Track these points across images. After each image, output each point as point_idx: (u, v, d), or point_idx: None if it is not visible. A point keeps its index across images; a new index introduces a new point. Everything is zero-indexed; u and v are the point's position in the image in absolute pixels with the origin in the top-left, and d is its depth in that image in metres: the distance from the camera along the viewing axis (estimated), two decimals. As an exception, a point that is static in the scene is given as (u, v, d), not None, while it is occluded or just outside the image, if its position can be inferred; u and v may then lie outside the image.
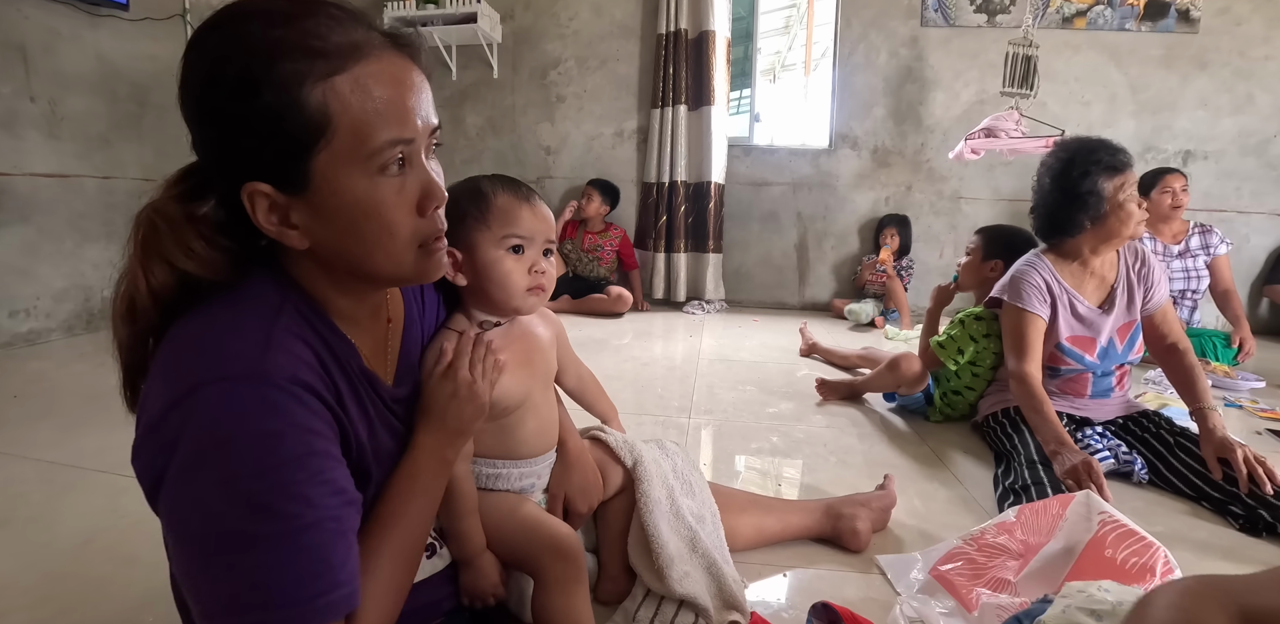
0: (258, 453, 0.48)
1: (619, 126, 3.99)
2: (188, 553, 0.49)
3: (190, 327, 0.54)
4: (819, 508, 1.19)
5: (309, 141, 0.51)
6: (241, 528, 0.48)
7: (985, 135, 2.97)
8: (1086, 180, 1.55)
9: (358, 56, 0.51)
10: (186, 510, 0.49)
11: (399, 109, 0.53)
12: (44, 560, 1.09)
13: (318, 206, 0.54)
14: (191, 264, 0.55)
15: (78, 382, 2.16)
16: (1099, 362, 1.65)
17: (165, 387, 0.50)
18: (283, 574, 0.48)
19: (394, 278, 0.60)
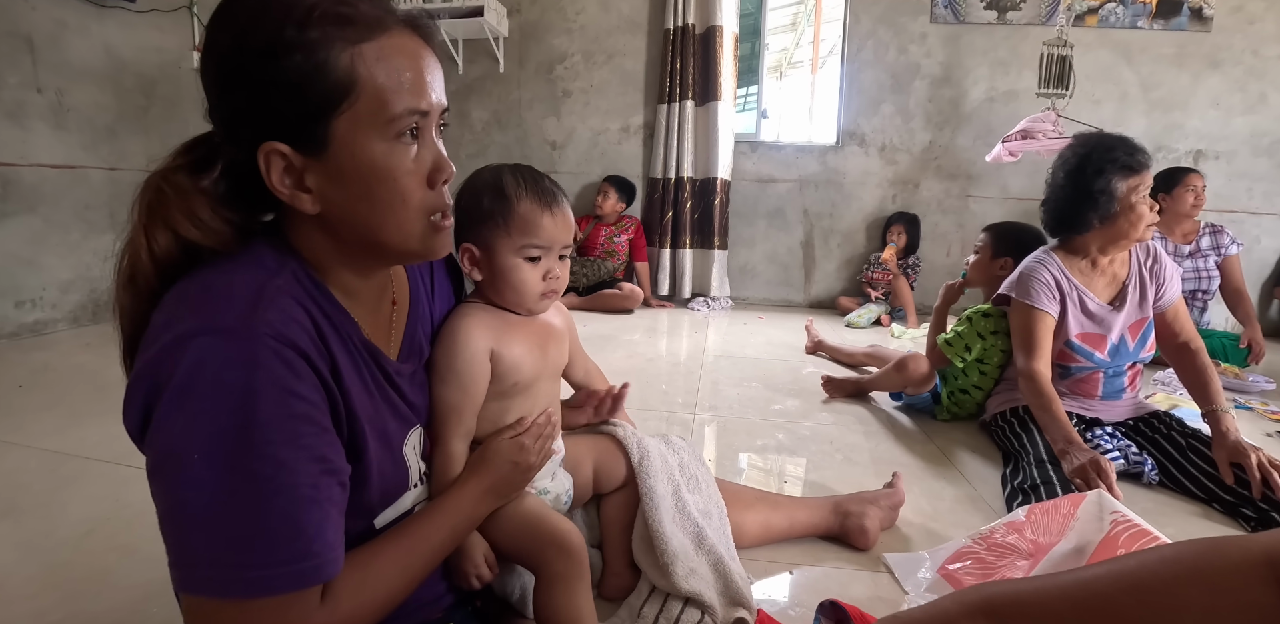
0: (234, 409, 0.48)
1: (625, 122, 3.97)
2: (163, 501, 0.50)
3: (185, 285, 0.54)
4: (826, 505, 1.18)
5: (333, 103, 0.53)
6: (213, 483, 0.48)
7: (1022, 137, 2.94)
8: (1100, 178, 1.53)
9: (383, 28, 0.54)
10: (162, 461, 0.49)
11: (418, 81, 0.56)
12: (46, 550, 1.08)
13: (334, 169, 0.55)
14: (196, 232, 0.55)
15: (83, 372, 2.16)
16: (1110, 359, 1.64)
17: (154, 339, 0.51)
18: (252, 535, 0.48)
19: (401, 250, 0.61)
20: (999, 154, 3.06)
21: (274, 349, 0.51)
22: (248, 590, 0.48)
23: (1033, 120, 3.03)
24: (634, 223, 3.81)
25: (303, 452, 0.51)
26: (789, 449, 1.67)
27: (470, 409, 0.78)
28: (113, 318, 0.58)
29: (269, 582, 0.48)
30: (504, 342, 0.81)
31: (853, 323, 3.45)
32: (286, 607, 0.50)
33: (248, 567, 0.48)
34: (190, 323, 0.50)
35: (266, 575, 0.48)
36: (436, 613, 0.70)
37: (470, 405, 0.78)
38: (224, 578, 0.48)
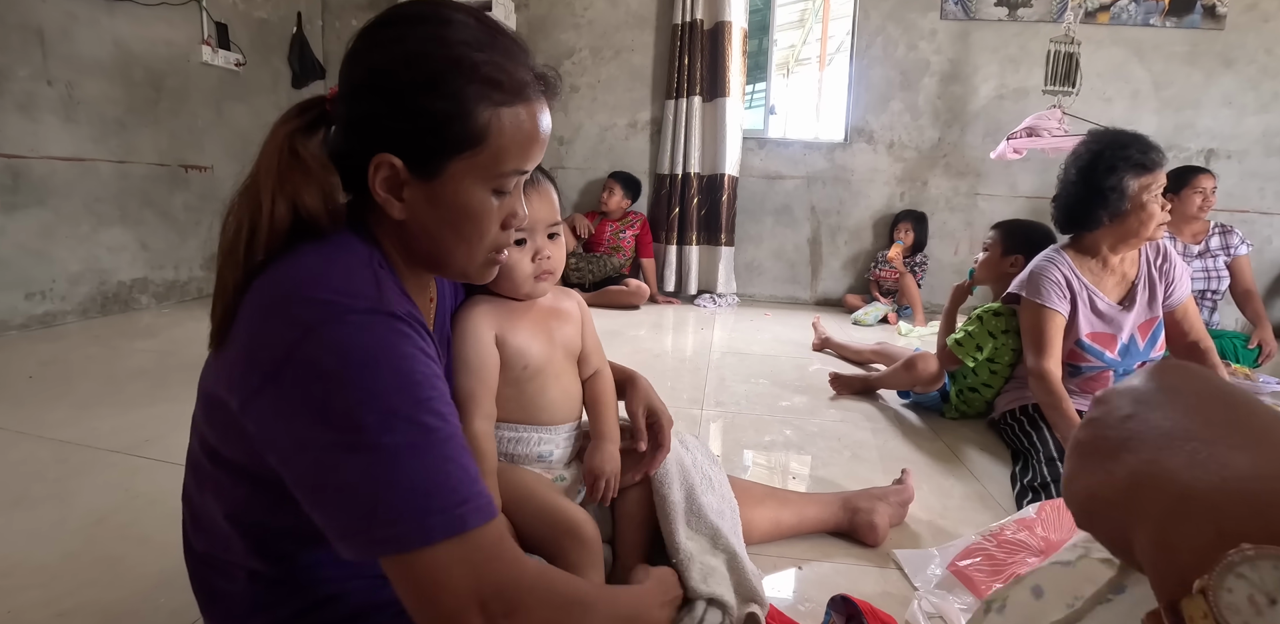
0: (398, 373, 0.52)
1: (633, 117, 3.96)
2: (343, 472, 0.50)
3: (300, 267, 0.55)
4: (835, 501, 1.18)
5: (461, 147, 0.58)
6: (400, 443, 0.50)
7: (1027, 134, 2.92)
8: (1112, 176, 1.52)
9: (524, 97, 0.60)
10: (326, 431, 0.50)
11: (532, 147, 0.62)
12: (57, 539, 1.09)
13: (434, 195, 0.60)
14: (321, 206, 0.58)
15: (92, 364, 2.17)
16: (1120, 359, 1.63)
17: (290, 322, 0.52)
18: (441, 480, 0.51)
19: (457, 272, 0.67)
20: (1003, 151, 3.04)
21: (408, 323, 0.55)
22: (448, 529, 0.50)
23: (1038, 117, 3.01)
24: (640, 219, 3.80)
25: (448, 406, 0.55)
26: (796, 445, 1.66)
27: (485, 394, 0.81)
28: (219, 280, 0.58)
29: (462, 518, 0.50)
30: (508, 328, 0.84)
31: (860, 320, 3.44)
32: (494, 539, 0.52)
33: (441, 509, 0.50)
34: (332, 304, 0.52)
35: (457, 513, 0.50)
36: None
37: (485, 390, 0.81)
38: (421, 525, 0.49)
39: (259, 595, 0.61)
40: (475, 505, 0.52)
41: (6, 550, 1.05)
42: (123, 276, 3.01)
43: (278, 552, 0.60)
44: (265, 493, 0.57)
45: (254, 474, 0.57)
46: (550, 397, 0.89)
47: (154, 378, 2.02)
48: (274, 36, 3.78)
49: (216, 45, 3.34)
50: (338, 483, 0.50)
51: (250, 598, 0.61)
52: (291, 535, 0.59)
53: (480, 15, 0.60)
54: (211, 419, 0.59)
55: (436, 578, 0.50)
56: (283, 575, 0.61)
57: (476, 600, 0.50)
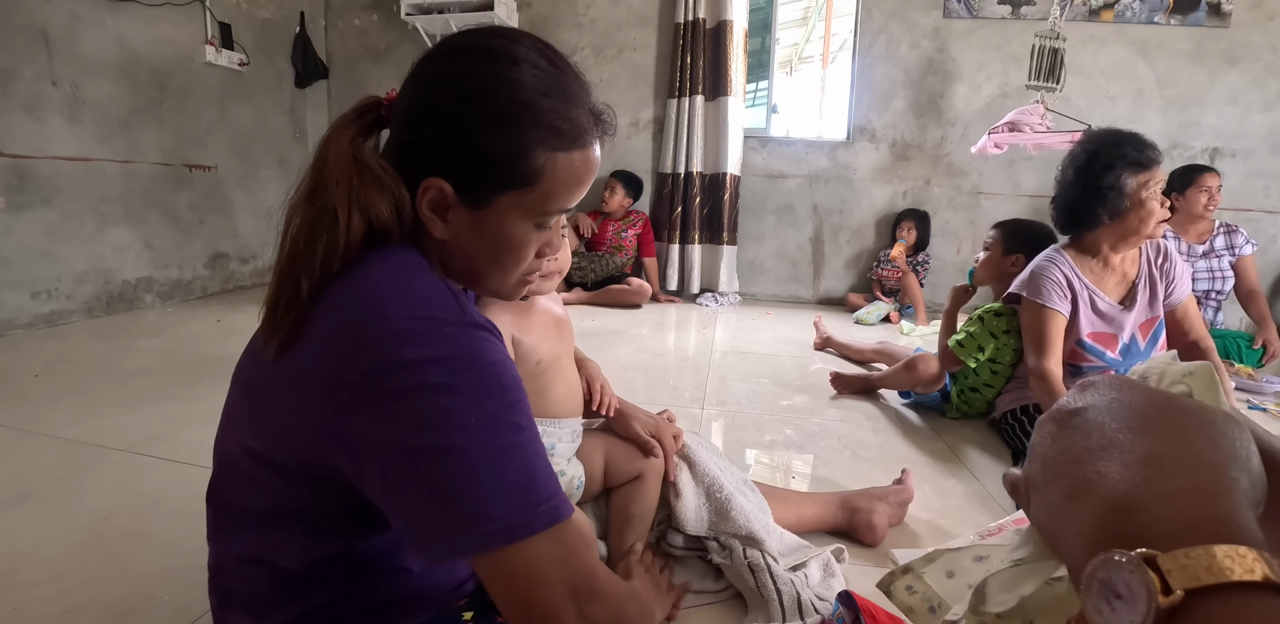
0: (491, 378, 0.54)
1: (635, 116, 3.96)
2: (441, 475, 0.51)
3: (379, 283, 0.56)
4: (834, 500, 1.19)
5: (513, 185, 0.60)
6: (493, 445, 0.52)
7: (1009, 129, 2.91)
8: (1109, 174, 1.52)
9: (580, 144, 0.61)
10: (428, 437, 0.51)
11: (579, 189, 0.64)
12: (63, 536, 1.10)
13: (479, 223, 0.61)
14: (393, 219, 0.58)
15: (98, 362, 2.18)
16: (1121, 359, 1.63)
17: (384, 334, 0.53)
18: (528, 479, 0.53)
19: (489, 291, 0.69)
20: (984, 146, 3.03)
21: (489, 331, 0.58)
22: (547, 521, 0.53)
23: (1021, 112, 3.00)
24: (642, 218, 3.81)
25: (528, 409, 0.58)
26: (797, 445, 1.67)
27: None
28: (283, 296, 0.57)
29: (556, 510, 0.54)
30: (521, 328, 0.89)
31: (862, 320, 3.44)
32: (577, 531, 0.55)
33: (538, 503, 0.53)
34: (422, 320, 0.54)
35: (552, 505, 0.53)
36: (458, 600, 0.70)
37: None
38: (525, 518, 0.52)
39: (280, 592, 0.62)
40: (562, 499, 0.55)
41: (12, 547, 1.06)
42: (127, 276, 3.02)
43: (323, 549, 0.61)
44: (317, 493, 0.58)
45: (307, 476, 0.57)
46: (558, 391, 0.93)
47: (159, 376, 2.03)
48: (277, 36, 3.79)
49: (220, 45, 3.36)
50: (436, 485, 0.51)
51: (270, 595, 0.62)
52: (343, 531, 0.61)
53: (549, 52, 0.61)
54: (263, 424, 0.59)
55: (535, 569, 0.53)
56: (310, 572, 0.62)
57: (569, 589, 0.54)
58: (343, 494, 0.56)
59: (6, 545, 1.07)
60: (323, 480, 0.56)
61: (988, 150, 3.04)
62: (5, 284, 2.54)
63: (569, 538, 0.54)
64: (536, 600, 0.53)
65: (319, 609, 0.62)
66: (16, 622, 0.89)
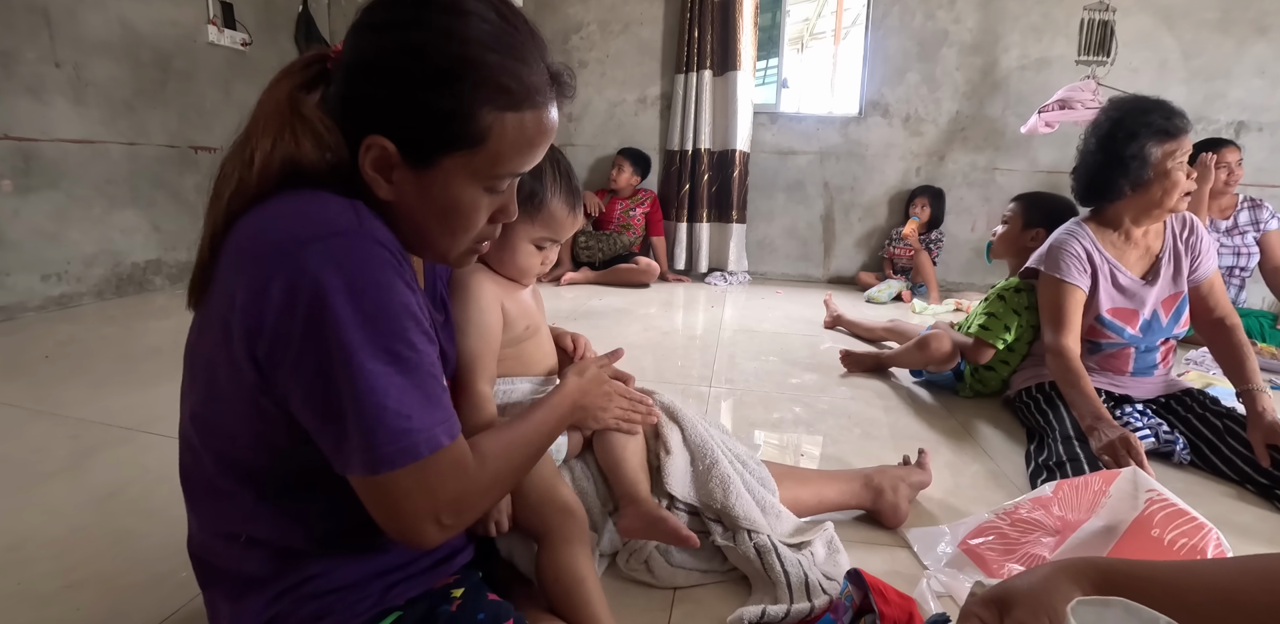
0: (378, 303, 0.53)
1: (642, 93, 3.89)
2: (324, 394, 0.52)
3: (278, 204, 0.55)
4: (856, 480, 1.15)
5: (458, 145, 0.57)
6: (375, 367, 0.52)
7: (1060, 107, 2.83)
8: (1133, 143, 1.46)
9: (531, 104, 0.58)
10: (323, 356, 0.51)
11: (533, 151, 0.61)
12: (68, 513, 1.11)
13: (425, 185, 0.59)
14: (315, 154, 0.56)
15: (108, 344, 2.19)
16: (1141, 335, 1.58)
17: (269, 251, 0.52)
18: (410, 406, 0.53)
19: (438, 257, 0.66)
20: (1035, 125, 2.95)
21: (391, 251, 0.55)
22: (425, 449, 0.54)
23: (1071, 89, 2.91)
24: (650, 196, 3.76)
25: (424, 336, 0.56)
26: (806, 423, 1.65)
27: (490, 355, 0.86)
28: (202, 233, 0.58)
29: (437, 438, 0.55)
30: (510, 295, 0.91)
31: (873, 298, 3.39)
32: (451, 459, 0.56)
33: (417, 430, 0.53)
34: (310, 230, 0.52)
35: (434, 433, 0.55)
36: (447, 576, 0.69)
37: (490, 352, 0.85)
38: (404, 445, 0.53)
39: (255, 569, 0.61)
40: (429, 435, 0.54)
41: (18, 524, 1.07)
42: (136, 258, 3.03)
43: (286, 519, 0.60)
44: (259, 448, 0.58)
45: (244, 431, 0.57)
46: (545, 350, 0.98)
47: (168, 357, 2.04)
48: (280, 16, 3.74)
49: (222, 25, 3.31)
50: (317, 407, 0.53)
51: (246, 573, 0.61)
52: (297, 497, 0.61)
53: (502, 6, 0.58)
54: (195, 382, 0.59)
55: (396, 500, 0.55)
56: (285, 545, 0.61)
57: (431, 516, 0.56)
58: (282, 450, 0.57)
59: (12, 522, 1.08)
60: (260, 434, 0.57)
61: (1039, 129, 2.95)
62: (15, 267, 2.55)
63: (438, 469, 0.55)
64: (398, 526, 0.56)
65: (298, 586, 0.61)
66: (20, 597, 0.89)
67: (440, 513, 0.56)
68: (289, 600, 0.61)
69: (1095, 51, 3.03)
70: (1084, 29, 2.96)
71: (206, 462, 0.60)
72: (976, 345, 1.77)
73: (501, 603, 0.68)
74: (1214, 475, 1.41)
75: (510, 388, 0.92)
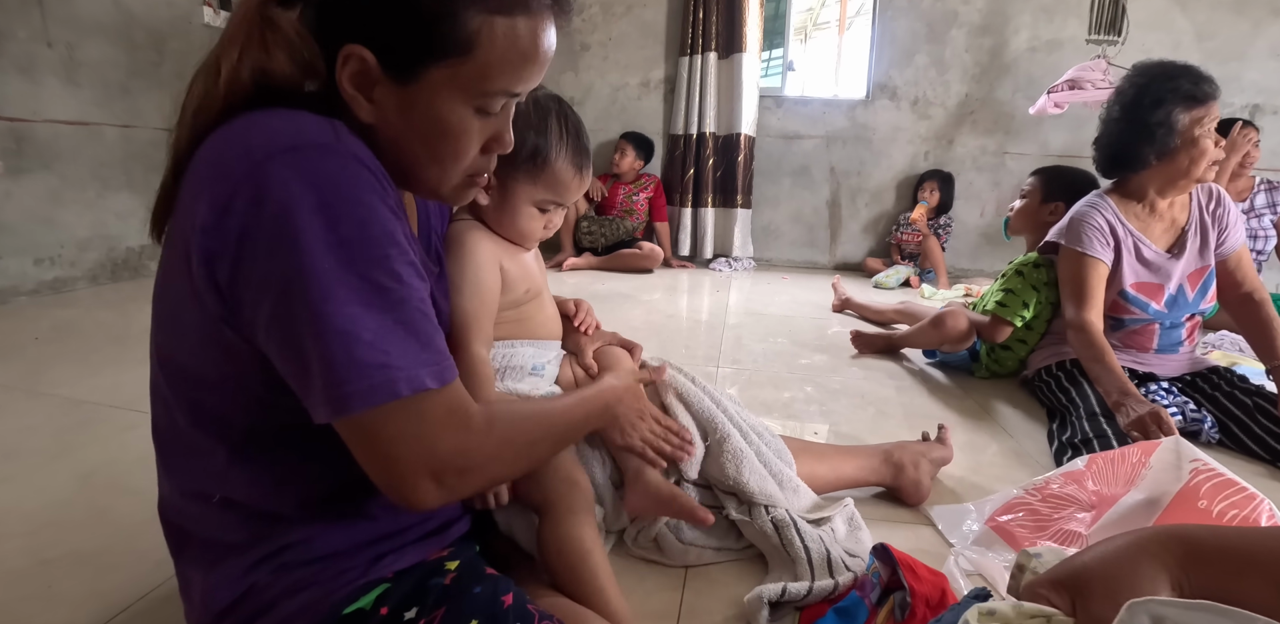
0: (353, 218, 0.47)
1: (645, 76, 3.82)
2: (291, 325, 0.46)
3: (246, 119, 0.50)
4: (876, 455, 1.10)
5: (442, 53, 0.51)
6: (348, 296, 0.46)
7: (1069, 87, 2.75)
8: (1159, 110, 1.40)
9: (525, 8, 0.52)
10: (288, 283, 0.45)
11: (528, 68, 0.54)
12: (47, 490, 1.06)
13: (409, 103, 0.53)
14: (289, 67, 0.51)
15: (100, 327, 2.14)
16: (1166, 311, 1.52)
17: (234, 164, 0.47)
18: (389, 342, 0.47)
19: (428, 192, 0.61)
20: (1044, 105, 2.87)
21: (370, 169, 0.49)
22: (405, 388, 0.47)
23: (1081, 69, 2.84)
24: (653, 181, 3.69)
25: (411, 268, 0.50)
26: (818, 402, 1.59)
27: (487, 316, 0.80)
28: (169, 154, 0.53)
29: (420, 379, 0.48)
30: (510, 256, 0.86)
31: (881, 284, 3.33)
32: (447, 406, 0.50)
33: (396, 367, 0.47)
34: (276, 142, 0.47)
35: (417, 374, 0.48)
36: (441, 549, 0.64)
37: (486, 313, 0.80)
38: (378, 380, 0.46)
39: (231, 534, 0.56)
40: (411, 374, 0.48)
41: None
42: (131, 242, 2.97)
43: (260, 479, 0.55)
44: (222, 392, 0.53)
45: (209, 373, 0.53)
46: (547, 313, 0.93)
47: (160, 339, 1.98)
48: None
49: (218, 6, 3.25)
50: (284, 338, 0.47)
51: (220, 538, 0.56)
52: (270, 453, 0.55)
53: None
54: (160, 320, 0.55)
55: (386, 447, 0.48)
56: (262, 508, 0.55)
57: (428, 470, 0.49)
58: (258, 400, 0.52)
59: (-10, 499, 1.02)
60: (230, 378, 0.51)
61: (1047, 110, 2.88)
62: (8, 250, 2.49)
63: (431, 414, 0.49)
64: (390, 480, 0.49)
65: (276, 554, 0.55)
66: (-9, 573, 0.84)
67: (440, 469, 0.50)
68: (266, 570, 0.55)
69: (1106, 31, 2.95)
70: (1095, 7, 2.88)
71: (178, 414, 0.55)
72: (993, 323, 1.71)
73: (500, 577, 0.62)
74: (1244, 454, 1.36)
75: (510, 351, 0.87)
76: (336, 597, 0.55)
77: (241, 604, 0.55)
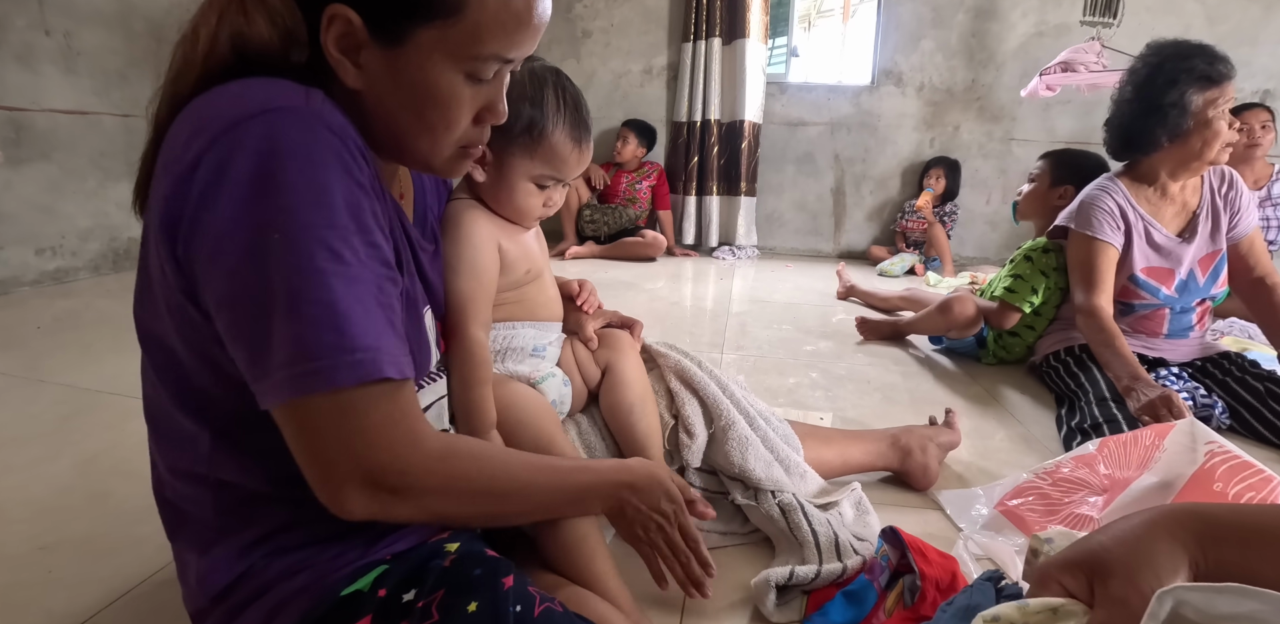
0: (315, 188, 0.45)
1: (648, 63, 3.78)
2: (230, 298, 0.45)
3: (221, 88, 0.48)
4: (884, 439, 1.08)
5: (430, 13, 0.49)
6: (296, 268, 0.44)
7: (1062, 69, 2.71)
8: (1173, 90, 1.37)
9: None
10: (228, 250, 0.44)
11: (521, 31, 0.52)
12: (47, 476, 1.05)
13: (397, 67, 0.51)
14: (269, 31, 0.49)
15: (103, 317, 2.13)
16: (1177, 296, 1.50)
17: (199, 127, 0.45)
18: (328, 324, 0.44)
19: (420, 163, 0.59)
20: (1035, 88, 2.83)
21: (340, 136, 0.47)
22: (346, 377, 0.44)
23: (1074, 51, 2.78)
24: (656, 169, 3.66)
25: (374, 250, 0.48)
26: (823, 388, 1.58)
27: (484, 298, 0.77)
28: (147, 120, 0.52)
29: (347, 369, 0.44)
30: (509, 236, 0.83)
31: (886, 271, 3.31)
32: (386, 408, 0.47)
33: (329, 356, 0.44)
34: (244, 108, 0.45)
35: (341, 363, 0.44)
36: (441, 530, 0.62)
37: (484, 294, 0.77)
38: (308, 372, 0.44)
39: (225, 517, 0.55)
40: (351, 360, 0.45)
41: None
42: (133, 232, 2.96)
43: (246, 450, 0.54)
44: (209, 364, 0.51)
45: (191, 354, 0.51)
46: (549, 295, 0.90)
47: (161, 328, 1.97)
48: (275, -16, 3.65)
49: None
50: (232, 317, 0.45)
51: (215, 520, 0.55)
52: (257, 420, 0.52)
53: None
54: (140, 295, 0.53)
55: (312, 440, 0.46)
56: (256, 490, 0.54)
57: (359, 474, 0.47)
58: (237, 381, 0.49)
59: (-10, 485, 1.02)
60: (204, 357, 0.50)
61: (1039, 93, 2.84)
62: (9, 240, 2.48)
63: (366, 411, 0.46)
64: (316, 477, 0.47)
65: (270, 536, 0.54)
66: (-10, 558, 0.83)
67: (371, 480, 0.47)
68: (262, 552, 0.54)
69: (1101, 13, 2.90)
70: (1090, -13, 2.83)
71: (162, 394, 0.54)
72: (1001, 309, 1.69)
73: (500, 559, 0.61)
74: (1255, 440, 1.34)
75: (511, 333, 0.85)
76: (334, 579, 0.54)
77: (238, 587, 0.54)
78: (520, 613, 0.52)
